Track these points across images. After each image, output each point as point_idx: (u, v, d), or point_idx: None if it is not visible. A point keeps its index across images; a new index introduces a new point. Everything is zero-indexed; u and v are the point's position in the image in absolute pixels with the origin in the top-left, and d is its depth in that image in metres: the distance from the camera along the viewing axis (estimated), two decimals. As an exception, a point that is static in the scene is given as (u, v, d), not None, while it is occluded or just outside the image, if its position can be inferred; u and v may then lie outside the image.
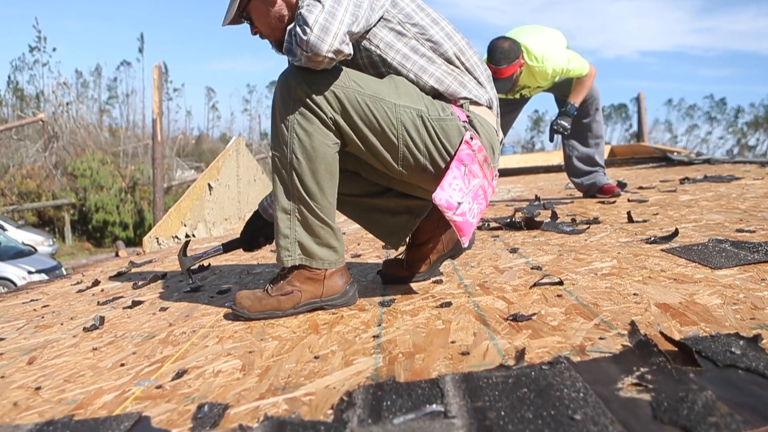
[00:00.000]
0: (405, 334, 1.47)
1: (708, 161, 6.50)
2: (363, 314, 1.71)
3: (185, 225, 4.71)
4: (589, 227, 2.76)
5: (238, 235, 2.14)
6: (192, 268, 2.26)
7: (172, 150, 30.47)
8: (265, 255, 3.17)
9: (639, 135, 15.82)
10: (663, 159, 7.49)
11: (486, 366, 1.19)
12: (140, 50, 45.36)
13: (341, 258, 1.78)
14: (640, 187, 4.53)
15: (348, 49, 1.53)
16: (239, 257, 3.21)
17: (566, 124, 3.74)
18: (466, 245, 1.73)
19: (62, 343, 1.82)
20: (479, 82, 1.80)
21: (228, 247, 2.16)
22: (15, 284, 14.27)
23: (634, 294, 1.58)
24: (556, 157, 9.85)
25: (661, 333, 1.20)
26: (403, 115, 1.63)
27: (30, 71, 42.37)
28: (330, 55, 1.50)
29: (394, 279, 2.06)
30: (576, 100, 3.71)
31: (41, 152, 24.11)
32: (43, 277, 14.68)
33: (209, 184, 5.16)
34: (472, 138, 1.68)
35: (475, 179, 1.69)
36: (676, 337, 1.23)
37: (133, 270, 3.25)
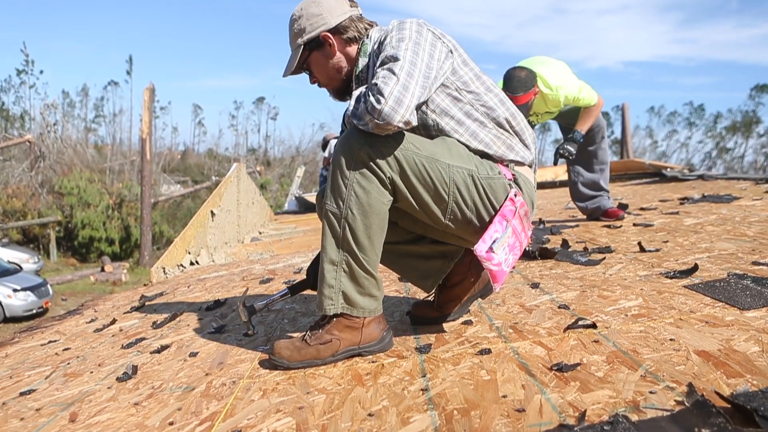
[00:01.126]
0: (453, 386, 1.49)
1: (701, 177, 6.60)
2: (403, 362, 1.73)
3: (189, 253, 4.71)
4: (604, 258, 2.80)
5: (303, 276, 2.15)
6: (250, 317, 2.19)
7: (157, 165, 30.34)
8: (279, 287, 3.18)
9: (623, 143, 16.15)
10: (656, 175, 7.60)
11: (546, 425, 1.22)
12: (128, 72, 44.97)
13: (380, 306, 1.82)
14: (642, 208, 4.59)
15: (415, 120, 1.59)
16: (254, 289, 3.22)
17: (572, 149, 3.83)
18: (497, 290, 1.78)
19: (99, 395, 1.82)
20: (525, 145, 1.88)
21: (295, 290, 2.17)
22: (0, 303, 14.15)
23: (671, 339, 1.62)
24: (550, 173, 9.96)
25: (717, 393, 1.24)
26: (455, 174, 1.70)
27: (16, 93, 41.87)
28: (400, 125, 1.56)
29: (424, 320, 2.08)
30: (583, 128, 3.80)
31: (27, 172, 23.90)
32: (29, 294, 14.58)
33: (212, 211, 5.16)
34: (516, 195, 1.75)
35: (515, 233, 1.74)
36: (725, 391, 1.27)
37: (147, 305, 3.24)
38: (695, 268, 2.32)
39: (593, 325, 1.81)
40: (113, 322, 2.90)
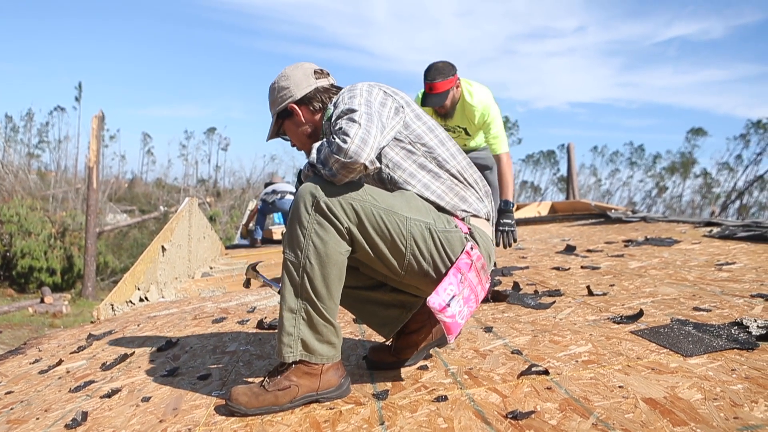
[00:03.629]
0: (411, 435, 1.51)
1: (644, 219, 6.86)
2: (361, 409, 1.74)
3: (139, 289, 4.60)
4: (554, 301, 2.88)
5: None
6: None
7: (104, 194, 29.60)
8: (232, 327, 3.15)
9: (569, 181, 16.58)
10: (602, 216, 7.86)
11: (503, 477, 1.25)
12: (77, 99, 43.70)
13: (338, 353, 1.83)
14: (589, 250, 4.74)
15: (377, 163, 1.67)
16: (206, 329, 3.17)
17: (511, 221, 3.68)
18: (451, 342, 1.85)
19: (47, 444, 1.76)
20: (479, 197, 1.96)
21: None
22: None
23: (620, 387, 1.68)
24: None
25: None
26: (413, 227, 1.76)
27: (-45, 115, 40.20)
28: (367, 163, 1.63)
29: (380, 365, 2.10)
30: (509, 195, 3.74)
31: (-37, 197, 22.93)
32: (-39, 329, 13.86)
33: (163, 246, 5.07)
34: (472, 248, 1.82)
35: (470, 286, 1.81)
36: (672, 439, 1.33)
37: (95, 344, 3.16)
38: (641, 313, 2.41)
39: (546, 372, 1.86)
40: (59, 362, 2.81)
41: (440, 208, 1.88)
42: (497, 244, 3.53)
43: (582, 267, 3.89)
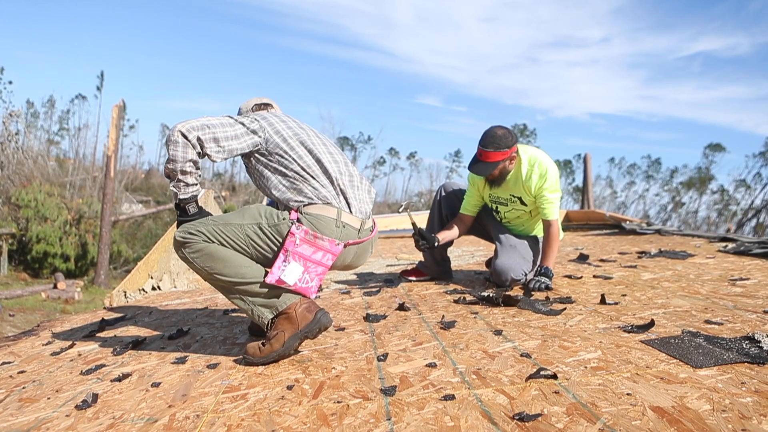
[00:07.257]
0: (417, 431, 1.52)
1: (659, 232, 6.81)
2: (369, 404, 1.75)
3: (152, 277, 4.64)
4: (565, 308, 2.88)
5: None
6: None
7: (120, 183, 29.85)
8: (243, 320, 3.17)
9: (584, 192, 16.46)
10: (616, 227, 7.82)
11: (507, 476, 1.25)
12: (98, 88, 44.12)
13: (293, 295, 2.29)
14: (602, 260, 4.72)
15: (192, 142, 2.22)
16: (217, 320, 3.20)
17: (546, 281, 3.43)
18: (313, 297, 2.36)
19: (57, 423, 1.79)
20: (320, 185, 2.36)
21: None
22: (-57, 317, 13.55)
23: (628, 394, 1.68)
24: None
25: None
26: (247, 229, 2.29)
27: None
28: (182, 130, 2.21)
29: (252, 361, 2.28)
30: (550, 263, 3.53)
31: (-19, 181, 23.20)
32: (-25, 309, 13.99)
33: (178, 236, 5.11)
34: (298, 228, 2.25)
35: (302, 257, 2.25)
36: (678, 448, 1.33)
37: (107, 329, 3.19)
38: (652, 323, 2.40)
39: (554, 376, 1.86)
40: (72, 345, 2.85)
41: (284, 205, 2.35)
42: (529, 290, 3.37)
43: (594, 276, 3.87)
